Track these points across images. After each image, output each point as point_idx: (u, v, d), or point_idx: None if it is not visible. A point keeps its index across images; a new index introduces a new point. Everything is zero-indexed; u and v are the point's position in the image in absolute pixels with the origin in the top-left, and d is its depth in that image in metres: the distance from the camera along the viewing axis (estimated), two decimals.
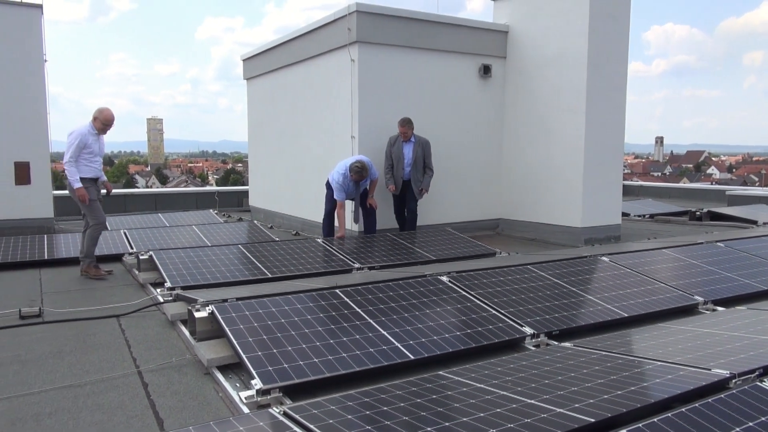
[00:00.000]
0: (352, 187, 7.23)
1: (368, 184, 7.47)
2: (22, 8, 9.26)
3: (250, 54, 11.36)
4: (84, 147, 5.88)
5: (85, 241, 6.02)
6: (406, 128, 7.61)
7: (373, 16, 7.83)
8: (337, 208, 7.29)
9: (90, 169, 5.99)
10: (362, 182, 7.30)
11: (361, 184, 7.31)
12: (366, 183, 7.42)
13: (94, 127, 5.99)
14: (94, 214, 5.97)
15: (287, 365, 3.22)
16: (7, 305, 4.91)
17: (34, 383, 3.29)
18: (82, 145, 5.87)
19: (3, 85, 9.12)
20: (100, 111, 6.06)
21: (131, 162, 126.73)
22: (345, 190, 7.19)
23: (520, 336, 3.90)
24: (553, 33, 8.29)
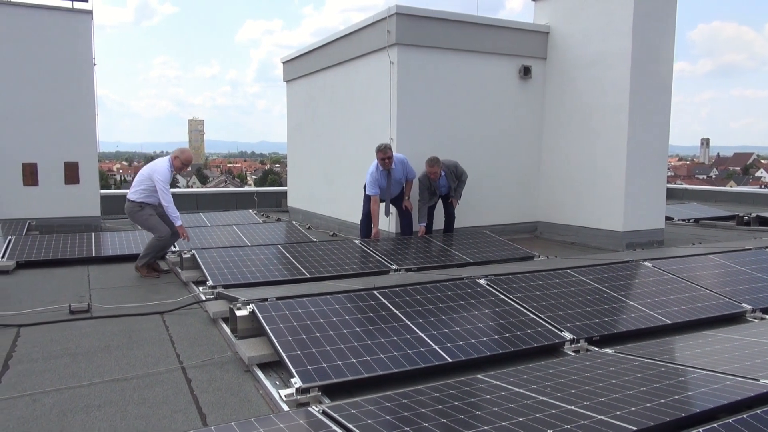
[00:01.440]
0: (384, 180, 7.23)
1: (404, 183, 7.46)
2: (73, 14, 9.62)
3: (290, 56, 11.51)
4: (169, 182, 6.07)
5: (148, 242, 6.15)
6: (435, 167, 7.33)
7: (413, 18, 7.85)
8: (371, 203, 7.31)
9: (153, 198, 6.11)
10: (395, 177, 7.27)
11: (394, 179, 7.27)
12: (401, 182, 7.40)
13: (173, 165, 6.14)
14: (157, 228, 6.07)
15: (326, 365, 3.26)
16: (58, 300, 5.11)
17: (84, 376, 3.42)
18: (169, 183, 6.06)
19: (54, 88, 9.48)
20: (182, 151, 6.25)
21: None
22: (378, 185, 7.21)
23: (560, 341, 3.85)
24: (595, 33, 8.15)
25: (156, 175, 5.97)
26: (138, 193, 6.04)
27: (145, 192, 6.03)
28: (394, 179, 7.32)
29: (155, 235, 6.09)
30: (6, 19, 9.19)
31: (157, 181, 5.94)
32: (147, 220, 6.06)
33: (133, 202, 6.06)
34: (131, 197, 6.08)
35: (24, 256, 6.76)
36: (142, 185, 6.05)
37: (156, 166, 6.08)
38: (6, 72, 9.22)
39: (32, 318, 4.55)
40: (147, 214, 6.05)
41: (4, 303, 5.03)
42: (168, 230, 6.09)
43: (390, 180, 7.29)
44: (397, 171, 7.30)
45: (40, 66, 9.37)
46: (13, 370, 3.50)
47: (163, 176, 5.97)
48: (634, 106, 7.76)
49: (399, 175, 7.33)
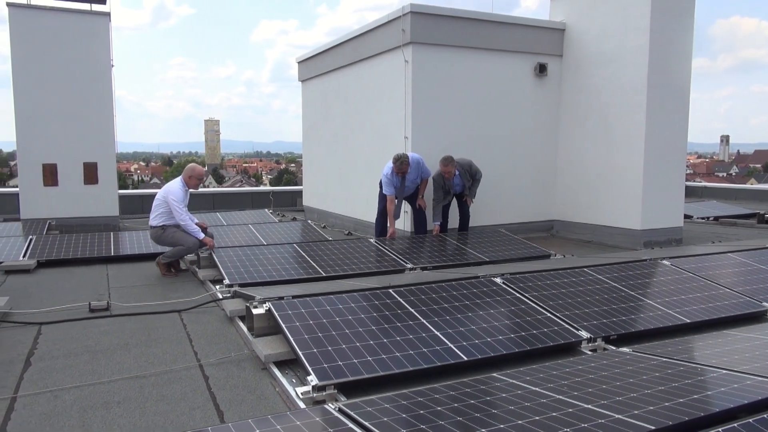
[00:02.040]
0: (399, 183, 7.25)
1: (419, 182, 7.47)
2: (91, 16, 9.75)
3: (305, 56, 11.56)
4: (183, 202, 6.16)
5: (172, 244, 6.21)
6: (450, 167, 7.33)
7: (427, 16, 7.84)
8: (387, 203, 7.33)
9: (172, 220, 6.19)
10: (409, 178, 7.28)
11: (408, 180, 7.28)
12: (416, 181, 7.40)
13: (186, 184, 6.23)
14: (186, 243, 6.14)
15: (342, 363, 3.28)
16: (78, 298, 5.19)
17: (104, 373, 3.47)
18: (185, 202, 6.17)
19: (73, 89, 9.61)
20: (192, 169, 6.33)
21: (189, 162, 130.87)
22: (393, 185, 7.22)
23: (576, 340, 3.83)
24: (612, 30, 8.08)
25: (170, 196, 6.07)
26: (157, 218, 6.15)
27: (164, 215, 6.13)
28: (409, 180, 7.32)
29: (184, 246, 6.17)
30: (26, 22, 9.33)
31: (171, 202, 6.04)
32: (172, 237, 6.15)
33: (155, 227, 6.17)
34: (152, 223, 6.19)
35: (45, 256, 6.87)
36: (159, 209, 6.15)
37: (169, 188, 6.18)
38: (27, 74, 9.36)
39: (53, 316, 4.62)
40: (171, 233, 6.15)
41: (26, 301, 5.12)
42: (195, 240, 6.17)
43: (404, 182, 7.30)
44: (412, 172, 7.29)
45: (60, 68, 9.51)
46: (34, 367, 3.56)
47: (177, 196, 6.07)
48: (652, 104, 7.68)
49: (413, 176, 7.33)
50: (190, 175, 6.29)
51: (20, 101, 9.40)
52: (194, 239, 6.14)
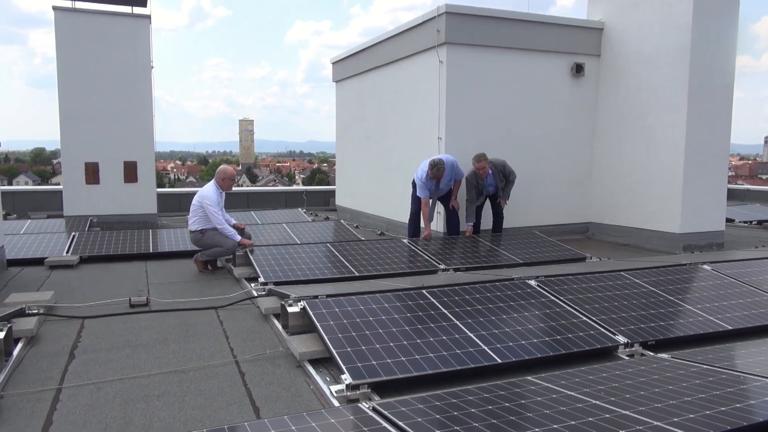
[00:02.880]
0: (433, 186, 7.23)
1: (452, 184, 7.45)
2: (132, 19, 10.01)
3: (339, 57, 11.63)
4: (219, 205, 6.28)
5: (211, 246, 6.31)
6: (483, 163, 7.29)
7: (463, 16, 7.80)
8: (422, 205, 7.32)
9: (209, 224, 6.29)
10: (443, 181, 7.26)
11: (442, 182, 7.27)
12: (449, 183, 7.39)
13: (219, 187, 6.34)
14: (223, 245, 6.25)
15: (375, 362, 3.29)
16: (118, 294, 5.33)
17: (144, 367, 3.56)
18: (220, 205, 6.29)
19: (114, 90, 9.89)
20: (223, 171, 6.46)
21: (223, 161, 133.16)
22: (427, 188, 7.22)
23: (613, 345, 3.77)
24: (653, 28, 7.91)
25: (205, 201, 6.19)
26: (195, 223, 6.28)
27: (202, 220, 6.25)
28: (443, 182, 7.31)
29: (223, 248, 6.28)
30: (71, 25, 9.63)
31: (207, 207, 6.16)
32: (211, 239, 6.26)
33: (194, 232, 6.30)
34: (191, 229, 6.32)
35: (87, 252, 7.07)
36: (196, 214, 6.27)
37: (204, 193, 6.29)
38: (71, 75, 9.67)
39: (95, 310, 4.76)
40: (210, 236, 6.26)
41: (69, 296, 5.28)
42: (234, 243, 6.28)
43: (438, 184, 7.30)
44: (446, 175, 7.27)
45: (103, 69, 9.79)
46: (78, 360, 3.68)
47: (212, 200, 6.18)
48: (693, 104, 7.50)
49: (447, 178, 7.31)
50: (223, 178, 6.40)
51: (65, 102, 9.70)
52: (232, 242, 6.26)
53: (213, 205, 6.17)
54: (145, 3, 10.09)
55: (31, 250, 7.05)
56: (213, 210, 6.16)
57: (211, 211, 6.15)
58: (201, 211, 6.24)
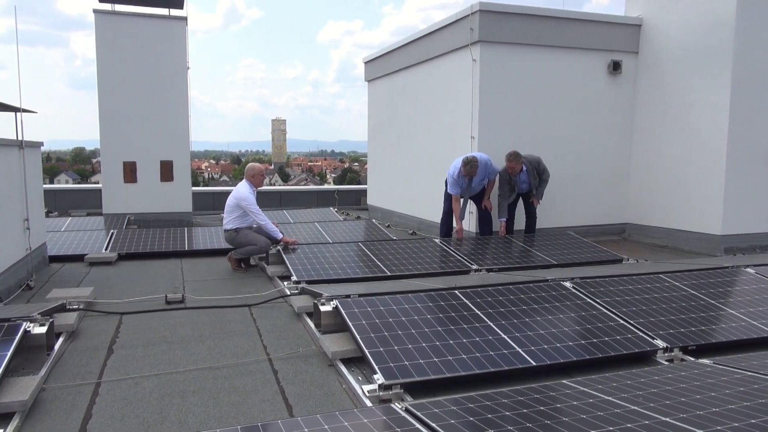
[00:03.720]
0: (465, 184, 7.17)
1: (485, 182, 7.37)
2: (169, 21, 10.18)
3: (371, 56, 11.64)
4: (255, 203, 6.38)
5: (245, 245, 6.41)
6: (514, 163, 7.24)
7: (496, 14, 7.72)
8: (453, 202, 7.28)
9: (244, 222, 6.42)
10: (476, 180, 7.19)
11: (475, 181, 7.20)
12: (482, 182, 7.32)
13: (252, 185, 6.46)
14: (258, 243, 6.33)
15: (408, 363, 3.28)
16: (155, 290, 5.44)
17: (179, 363, 3.62)
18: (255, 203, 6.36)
19: (152, 91, 10.08)
20: (251, 168, 6.57)
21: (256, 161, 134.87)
22: (459, 186, 7.16)
23: (652, 349, 3.67)
24: (694, 24, 7.70)
25: (242, 202, 6.27)
26: (231, 222, 6.37)
27: (237, 219, 6.35)
28: (475, 181, 7.25)
29: (256, 246, 6.35)
30: (111, 28, 9.86)
31: (246, 207, 6.26)
32: (246, 237, 6.35)
33: (229, 230, 6.39)
34: (226, 227, 6.42)
35: (125, 249, 7.24)
36: (232, 214, 6.36)
37: (239, 194, 6.36)
38: (111, 76, 9.89)
39: (132, 306, 4.86)
40: (244, 234, 6.36)
41: (108, 292, 5.41)
42: (267, 241, 6.36)
43: (471, 183, 7.23)
44: (479, 174, 7.21)
45: (140, 70, 9.99)
46: (116, 355, 3.76)
47: (248, 200, 6.27)
48: (737, 102, 7.27)
49: (480, 176, 7.25)
50: (253, 175, 6.49)
51: (104, 102, 9.94)
52: (266, 240, 6.33)
53: (252, 204, 6.26)
54: (182, 5, 10.27)
55: (71, 247, 7.24)
56: (254, 209, 6.26)
57: (252, 210, 6.25)
58: (237, 211, 6.32)
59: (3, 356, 3.10)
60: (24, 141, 5.79)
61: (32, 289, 5.53)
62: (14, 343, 3.23)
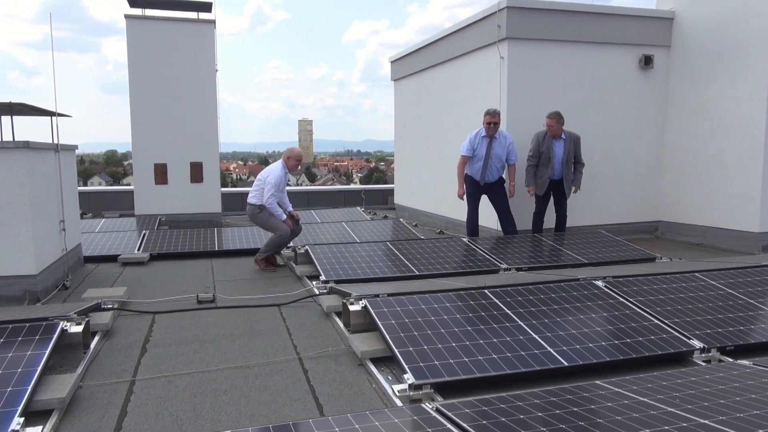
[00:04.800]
0: (483, 149, 7.09)
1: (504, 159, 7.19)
2: (197, 24, 10.33)
3: (397, 56, 11.63)
4: (279, 185, 6.39)
5: (269, 239, 6.49)
6: (554, 122, 7.07)
7: (524, 10, 7.63)
8: (459, 164, 7.32)
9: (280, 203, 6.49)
10: (496, 149, 7.08)
11: (495, 150, 7.07)
12: (502, 157, 7.15)
13: (286, 166, 6.48)
14: (279, 229, 6.38)
15: (438, 362, 3.26)
16: (187, 290, 5.52)
17: (211, 362, 3.66)
18: (281, 186, 6.41)
19: (182, 94, 10.24)
20: (290, 150, 6.59)
21: None
22: (473, 146, 7.15)
23: (688, 349, 3.59)
24: (729, 16, 7.50)
25: (270, 177, 6.32)
26: (256, 196, 6.39)
27: (261, 194, 6.36)
28: (494, 152, 7.13)
29: (276, 234, 6.39)
30: (142, 32, 10.05)
31: (267, 183, 6.29)
32: (267, 221, 6.39)
33: (253, 205, 6.43)
34: (250, 201, 6.45)
35: (156, 249, 7.36)
36: (258, 188, 6.40)
37: (271, 169, 6.42)
38: (142, 80, 10.08)
39: (165, 306, 4.94)
40: (267, 215, 6.38)
41: (141, 291, 5.51)
42: (287, 229, 6.38)
43: (490, 150, 7.11)
44: (499, 144, 7.13)
45: (171, 74, 10.16)
46: (150, 353, 3.82)
47: (275, 179, 6.30)
48: None
49: (500, 149, 7.13)
50: (289, 156, 6.50)
51: (136, 105, 10.14)
52: (286, 228, 6.34)
53: (274, 183, 6.28)
54: (210, 8, 10.41)
55: (105, 248, 7.40)
56: (269, 188, 6.26)
57: (267, 188, 6.27)
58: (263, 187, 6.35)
59: (42, 354, 3.17)
60: (59, 144, 5.93)
61: (68, 289, 5.66)
62: (52, 342, 3.31)
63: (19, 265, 5.06)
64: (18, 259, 5.06)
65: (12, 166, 4.97)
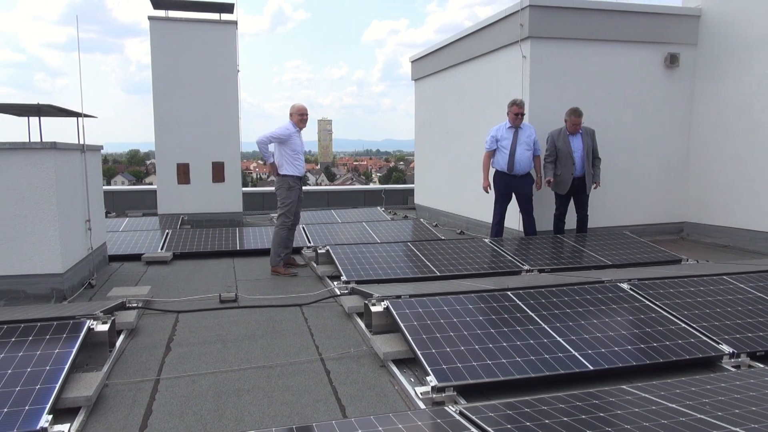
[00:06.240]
0: (509, 140, 7.06)
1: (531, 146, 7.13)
2: (220, 25, 10.41)
3: (418, 55, 11.60)
4: (285, 142, 6.18)
5: (272, 239, 6.39)
6: (575, 118, 7.03)
7: (547, 9, 7.55)
8: (484, 158, 7.31)
9: (294, 167, 6.29)
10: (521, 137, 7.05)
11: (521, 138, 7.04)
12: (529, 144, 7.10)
13: (293, 123, 6.26)
14: (287, 214, 6.27)
15: (460, 365, 3.24)
16: (209, 289, 5.56)
17: (234, 361, 3.68)
18: (285, 138, 6.17)
19: (204, 94, 10.33)
20: (292, 106, 6.36)
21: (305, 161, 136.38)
22: (496, 139, 7.15)
23: (716, 354, 3.51)
24: (757, 12, 7.34)
25: (277, 129, 6.20)
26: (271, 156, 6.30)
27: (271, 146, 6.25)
28: (521, 140, 7.08)
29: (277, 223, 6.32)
30: (165, 34, 10.16)
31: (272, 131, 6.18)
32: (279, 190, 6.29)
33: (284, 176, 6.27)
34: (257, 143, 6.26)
35: (179, 249, 7.43)
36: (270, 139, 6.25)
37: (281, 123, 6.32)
38: (165, 80, 10.19)
39: (188, 305, 4.99)
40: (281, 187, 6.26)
41: (165, 290, 5.57)
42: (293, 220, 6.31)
43: (516, 139, 7.06)
44: (525, 132, 7.11)
45: (193, 74, 10.26)
46: (174, 352, 3.85)
47: (280, 130, 6.17)
48: None
49: (526, 137, 7.10)
50: (291, 113, 6.33)
51: (159, 106, 10.25)
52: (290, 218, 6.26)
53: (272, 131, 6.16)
54: (233, 9, 10.48)
55: (129, 247, 7.50)
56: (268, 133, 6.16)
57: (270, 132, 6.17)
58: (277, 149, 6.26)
59: (69, 353, 3.22)
60: (85, 145, 6.02)
61: (94, 287, 5.74)
62: (79, 340, 3.35)
63: (46, 264, 5.15)
64: (45, 258, 5.14)
65: (40, 166, 5.05)
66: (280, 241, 6.35)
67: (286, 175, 6.27)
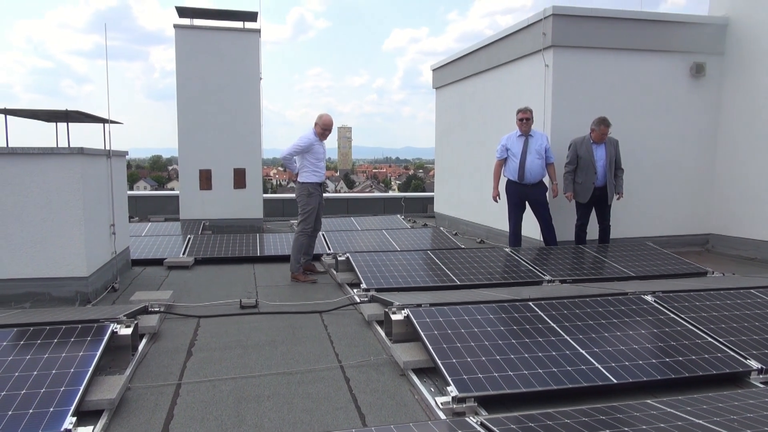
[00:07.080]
0: (519, 147, 7.06)
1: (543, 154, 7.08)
2: (244, 33, 10.54)
3: (439, 64, 11.60)
4: (308, 151, 6.23)
5: (292, 245, 6.41)
6: (603, 127, 6.93)
7: (570, 18, 7.52)
8: (495, 166, 7.36)
9: (314, 174, 6.31)
10: (532, 143, 7.03)
11: (532, 146, 7.02)
12: (540, 148, 7.06)
13: (315, 133, 6.30)
14: (307, 221, 6.28)
15: (481, 375, 3.21)
16: (230, 295, 5.60)
17: (254, 367, 3.70)
18: (307, 148, 6.22)
19: (227, 101, 10.45)
20: (319, 117, 6.38)
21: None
22: (506, 148, 7.19)
23: (744, 370, 3.44)
24: None
25: (299, 140, 6.25)
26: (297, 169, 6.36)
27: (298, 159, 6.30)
28: (531, 148, 7.03)
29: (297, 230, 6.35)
30: (189, 41, 10.30)
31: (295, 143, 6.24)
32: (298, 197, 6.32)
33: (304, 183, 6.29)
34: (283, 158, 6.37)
35: (201, 254, 7.51)
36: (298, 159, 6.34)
37: (303, 133, 6.33)
38: (189, 87, 10.33)
39: (209, 310, 5.02)
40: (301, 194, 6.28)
41: (186, 295, 5.62)
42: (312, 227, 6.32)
43: (526, 148, 7.03)
44: (536, 141, 7.07)
45: (217, 82, 10.38)
46: (195, 357, 3.88)
47: (302, 141, 6.21)
48: None
49: (537, 145, 7.05)
50: (316, 123, 6.34)
51: (182, 113, 10.39)
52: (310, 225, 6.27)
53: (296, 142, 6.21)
54: (256, 18, 10.60)
55: (152, 251, 7.59)
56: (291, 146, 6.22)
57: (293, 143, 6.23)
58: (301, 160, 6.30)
59: (93, 356, 3.26)
60: (111, 150, 6.11)
61: (117, 291, 5.82)
62: (103, 343, 3.39)
63: (71, 267, 5.23)
64: (70, 262, 5.23)
65: (67, 171, 5.15)
66: (299, 248, 6.36)
67: (306, 182, 6.29)
